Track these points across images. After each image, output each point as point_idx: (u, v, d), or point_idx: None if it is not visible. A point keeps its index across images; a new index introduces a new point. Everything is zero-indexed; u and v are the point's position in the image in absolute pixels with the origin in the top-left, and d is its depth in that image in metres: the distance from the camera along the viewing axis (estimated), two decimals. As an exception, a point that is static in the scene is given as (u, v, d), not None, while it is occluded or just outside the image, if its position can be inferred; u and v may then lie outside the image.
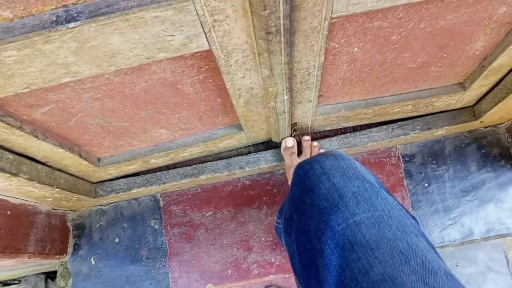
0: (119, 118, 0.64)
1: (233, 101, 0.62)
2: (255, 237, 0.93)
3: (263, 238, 0.93)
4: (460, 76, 0.73)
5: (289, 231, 0.53)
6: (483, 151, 0.92)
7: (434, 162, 0.93)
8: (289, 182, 0.83)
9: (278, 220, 0.73)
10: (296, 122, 0.79)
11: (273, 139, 0.87)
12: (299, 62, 0.54)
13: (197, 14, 0.39)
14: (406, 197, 0.93)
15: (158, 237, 0.95)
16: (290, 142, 0.84)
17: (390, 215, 0.39)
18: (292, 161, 0.83)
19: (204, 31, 0.42)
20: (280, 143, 0.88)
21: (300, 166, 0.52)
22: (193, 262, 0.93)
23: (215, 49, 0.46)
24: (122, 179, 0.91)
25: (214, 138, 0.80)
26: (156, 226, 0.95)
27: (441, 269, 0.34)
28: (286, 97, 0.60)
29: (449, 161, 0.92)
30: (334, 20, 0.48)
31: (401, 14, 0.51)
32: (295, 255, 0.50)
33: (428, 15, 0.51)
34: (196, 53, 0.47)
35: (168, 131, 0.74)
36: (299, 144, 0.86)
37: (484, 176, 0.90)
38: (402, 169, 0.93)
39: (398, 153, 0.94)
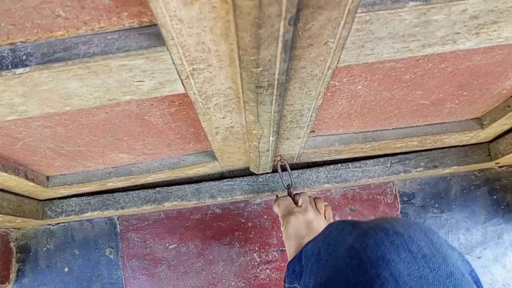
0: (73, 143, 0.63)
1: (209, 136, 0.62)
2: (224, 281, 0.94)
3: (233, 283, 0.94)
4: (478, 112, 0.74)
5: None
6: (495, 196, 0.92)
7: (436, 205, 0.94)
8: (288, 243, 0.72)
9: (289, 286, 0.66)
10: (280, 155, 0.80)
11: (251, 170, 0.88)
12: (292, 104, 0.54)
13: (174, 63, 0.39)
14: None
15: (113, 270, 0.95)
16: (282, 193, 0.82)
17: None
18: (288, 207, 0.75)
19: (180, 78, 0.42)
20: (260, 174, 0.89)
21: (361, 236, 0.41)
22: (152, 304, 0.92)
23: (192, 94, 0.45)
24: (74, 199, 0.90)
25: (183, 165, 0.80)
26: (112, 256, 0.95)
27: None
28: (272, 138, 0.60)
29: (454, 206, 0.93)
30: (339, 67, 0.48)
31: (419, 57, 0.51)
32: None
33: (452, 56, 0.52)
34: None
35: (130, 155, 0.74)
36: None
37: (494, 229, 0.90)
38: (399, 211, 0.95)
39: (395, 190, 0.96)
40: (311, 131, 0.73)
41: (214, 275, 0.95)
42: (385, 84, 0.57)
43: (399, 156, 0.89)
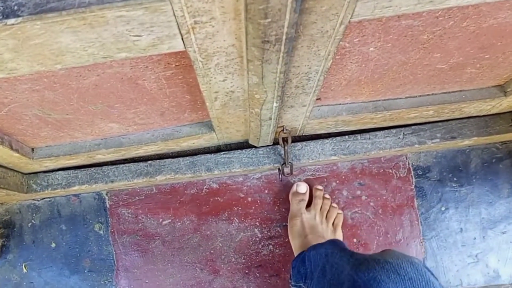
0: (61, 110, 0.64)
1: (207, 103, 0.63)
2: (223, 257, 0.97)
3: (233, 259, 0.97)
4: (501, 78, 0.74)
5: None
6: (520, 169, 0.93)
7: (455, 179, 0.96)
8: (292, 241, 0.90)
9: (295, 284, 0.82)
10: (283, 126, 0.81)
11: (250, 142, 0.89)
12: (298, 67, 0.56)
13: (174, 15, 0.40)
14: (416, 222, 0.96)
15: (103, 245, 0.98)
16: (303, 188, 0.91)
17: None
18: (299, 210, 0.89)
19: (180, 33, 0.43)
20: (259, 147, 0.90)
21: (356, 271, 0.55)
22: (146, 281, 0.97)
23: (191, 52, 0.47)
24: (60, 172, 0.92)
25: (177, 137, 0.81)
26: (101, 232, 0.98)
27: None
28: (275, 104, 0.61)
29: (474, 180, 0.95)
30: (352, 22, 0.48)
31: (440, 13, 0.51)
32: None
33: (475, 13, 0.52)
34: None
35: (120, 125, 0.75)
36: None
37: (519, 203, 0.91)
38: (413, 185, 0.96)
39: (409, 164, 0.97)
40: (317, 99, 0.73)
41: (212, 251, 0.98)
42: (400, 45, 0.58)
43: (413, 127, 0.89)
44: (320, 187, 0.93)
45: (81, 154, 0.82)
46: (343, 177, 0.99)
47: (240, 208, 0.99)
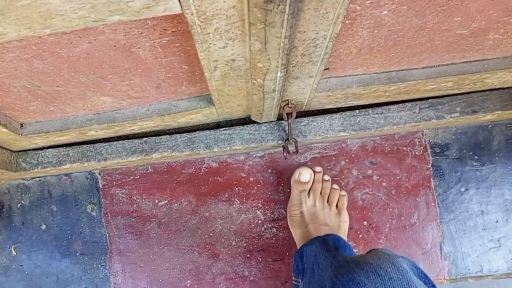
0: (51, 82, 0.64)
1: (206, 73, 0.63)
2: (223, 240, 0.99)
3: (233, 243, 0.99)
4: None
5: None
6: (547, 147, 0.93)
7: (476, 157, 0.95)
8: (293, 231, 0.93)
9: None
10: (288, 100, 0.81)
11: (253, 118, 0.89)
12: (304, 32, 0.56)
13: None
14: (432, 204, 0.96)
15: (96, 227, 1.00)
16: (306, 176, 0.89)
17: None
18: (300, 201, 0.90)
19: (177, -7, 0.43)
20: (262, 123, 0.91)
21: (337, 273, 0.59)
22: (142, 265, 0.99)
23: (189, 14, 0.47)
24: (51, 150, 0.94)
25: (174, 112, 0.81)
26: (94, 213, 1.01)
27: None
28: (279, 74, 0.62)
29: (497, 158, 0.94)
30: None
31: None
32: None
33: None
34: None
35: (113, 99, 0.76)
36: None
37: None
38: (430, 164, 0.97)
39: (425, 141, 0.97)
40: (325, 69, 0.73)
41: (211, 234, 1.00)
42: (416, 8, 0.58)
43: (430, 100, 0.89)
44: (318, 168, 0.92)
45: (73, 130, 0.83)
46: (353, 155, 0.99)
47: (241, 189, 1.00)
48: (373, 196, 0.99)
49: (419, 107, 0.90)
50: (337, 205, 0.93)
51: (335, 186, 0.93)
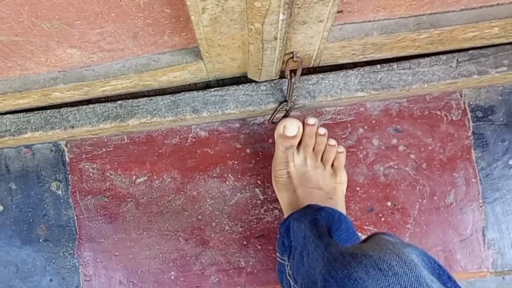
0: (8, 29, 0.64)
1: (192, 17, 0.62)
2: (214, 224, 0.99)
3: (227, 227, 0.99)
4: None
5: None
6: None
7: None
8: (279, 195, 0.93)
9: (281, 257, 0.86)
10: (292, 52, 0.79)
11: (250, 76, 0.88)
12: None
13: None
14: (473, 180, 0.95)
15: (62, 209, 1.01)
16: (293, 129, 0.86)
17: None
18: (286, 159, 0.89)
19: None
20: (262, 82, 0.89)
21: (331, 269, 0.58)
22: (116, 253, 1.00)
23: None
24: (8, 116, 0.94)
25: (155, 68, 0.80)
26: (60, 192, 1.02)
27: None
28: (281, 17, 0.60)
29: None
30: None
31: None
32: None
33: None
34: None
35: (82, 51, 0.75)
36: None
37: None
38: (470, 132, 0.96)
39: (464, 103, 0.96)
40: (338, 11, 0.71)
41: (200, 217, 1.00)
42: None
43: (470, 51, 0.87)
44: (312, 120, 0.88)
45: (34, 92, 0.83)
46: (374, 121, 0.98)
47: (236, 162, 0.99)
48: (399, 171, 0.98)
49: (457, 60, 0.88)
50: (332, 164, 0.92)
51: (332, 141, 0.91)
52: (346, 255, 0.57)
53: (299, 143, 0.90)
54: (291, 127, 0.86)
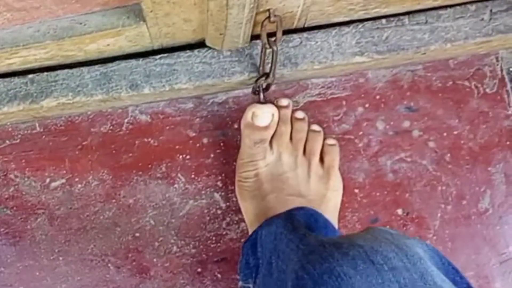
0: None
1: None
2: (156, 243, 0.92)
3: (175, 248, 0.92)
4: None
5: None
6: None
7: None
8: (242, 206, 0.86)
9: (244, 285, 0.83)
10: (269, 10, 0.74)
11: (209, 44, 0.85)
12: None
13: None
14: None
15: None
16: (266, 117, 0.81)
17: None
18: (254, 157, 0.82)
19: None
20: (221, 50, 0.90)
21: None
22: (21, 287, 0.93)
23: None
24: None
25: (80, 33, 0.77)
26: None
27: None
28: None
29: None
30: None
31: None
32: None
33: None
34: None
35: None
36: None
37: None
38: (511, 109, 0.92)
39: (501, 70, 0.92)
40: None
41: (137, 234, 0.93)
42: None
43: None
44: (285, 101, 0.85)
45: None
46: (378, 97, 0.92)
47: (188, 157, 0.92)
48: (413, 166, 0.91)
49: (490, 10, 0.83)
50: (322, 161, 0.85)
51: (316, 126, 0.86)
52: (327, 245, 0.54)
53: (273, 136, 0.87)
54: (262, 115, 0.79)
